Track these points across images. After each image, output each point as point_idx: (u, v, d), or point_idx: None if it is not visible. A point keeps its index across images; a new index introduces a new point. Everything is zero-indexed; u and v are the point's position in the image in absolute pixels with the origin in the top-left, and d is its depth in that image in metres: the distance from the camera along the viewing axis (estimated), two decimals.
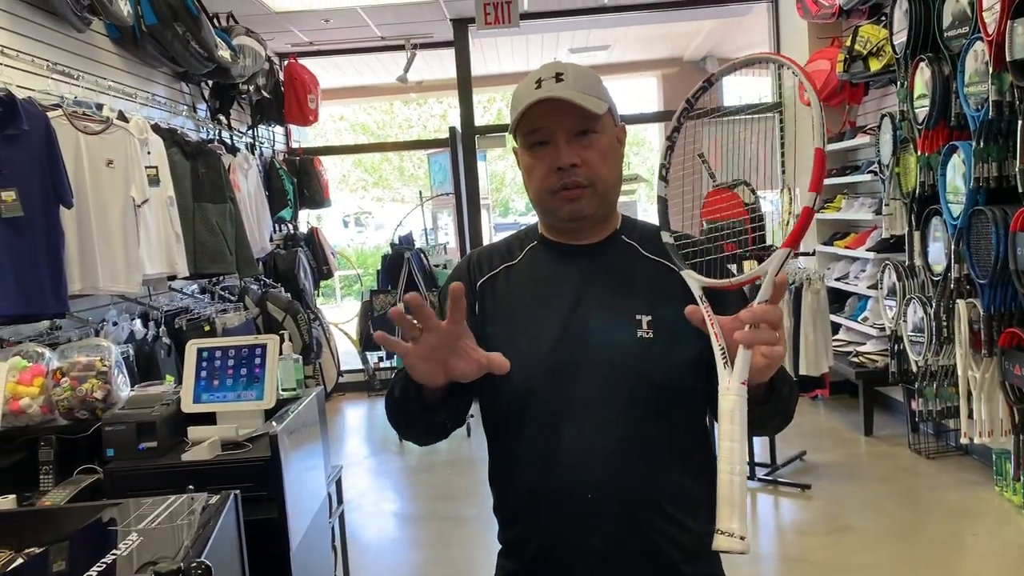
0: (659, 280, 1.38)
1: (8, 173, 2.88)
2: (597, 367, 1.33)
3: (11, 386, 2.20)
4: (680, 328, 1.32)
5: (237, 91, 5.64)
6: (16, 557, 1.51)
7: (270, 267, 6.26)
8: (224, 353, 2.28)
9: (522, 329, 1.37)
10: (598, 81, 1.37)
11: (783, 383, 1.29)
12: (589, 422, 1.32)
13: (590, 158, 1.33)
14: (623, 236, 1.43)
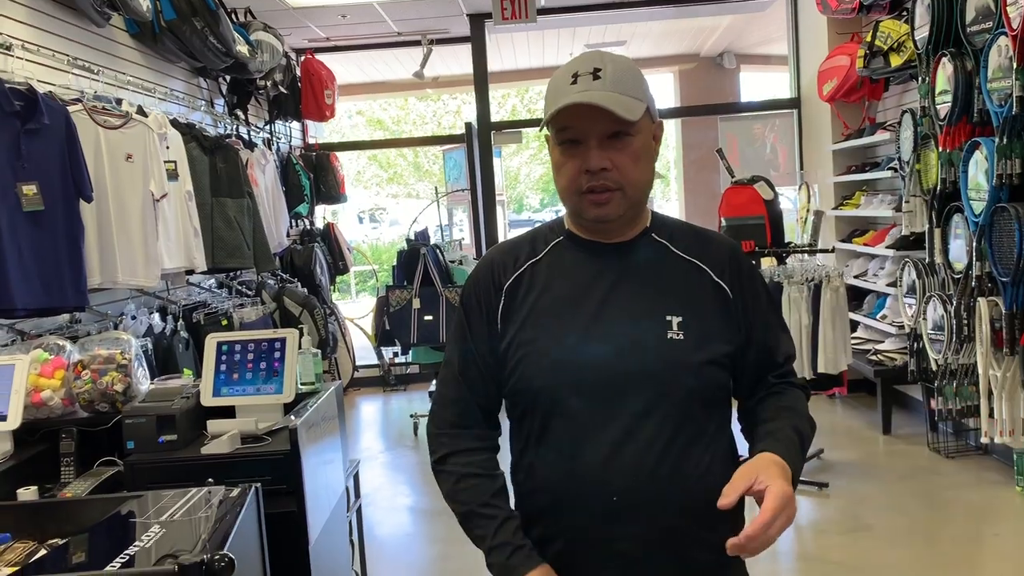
0: (690, 280, 1.37)
1: (30, 167, 2.89)
2: (625, 369, 1.30)
3: (33, 378, 2.21)
4: (711, 329, 1.34)
5: (255, 86, 5.66)
6: (39, 548, 1.52)
7: (287, 262, 6.27)
8: (244, 347, 2.28)
9: (547, 329, 1.34)
10: (638, 77, 1.33)
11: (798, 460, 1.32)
12: (615, 425, 1.29)
13: (621, 162, 1.29)
14: (653, 234, 1.40)
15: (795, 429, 1.34)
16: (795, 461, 1.29)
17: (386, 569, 3.79)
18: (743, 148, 6.79)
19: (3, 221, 2.79)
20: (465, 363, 1.41)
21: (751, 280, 1.42)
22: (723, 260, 1.40)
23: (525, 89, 15.94)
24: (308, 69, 6.68)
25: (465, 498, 1.37)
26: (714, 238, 1.45)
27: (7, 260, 2.78)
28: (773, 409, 1.38)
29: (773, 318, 1.46)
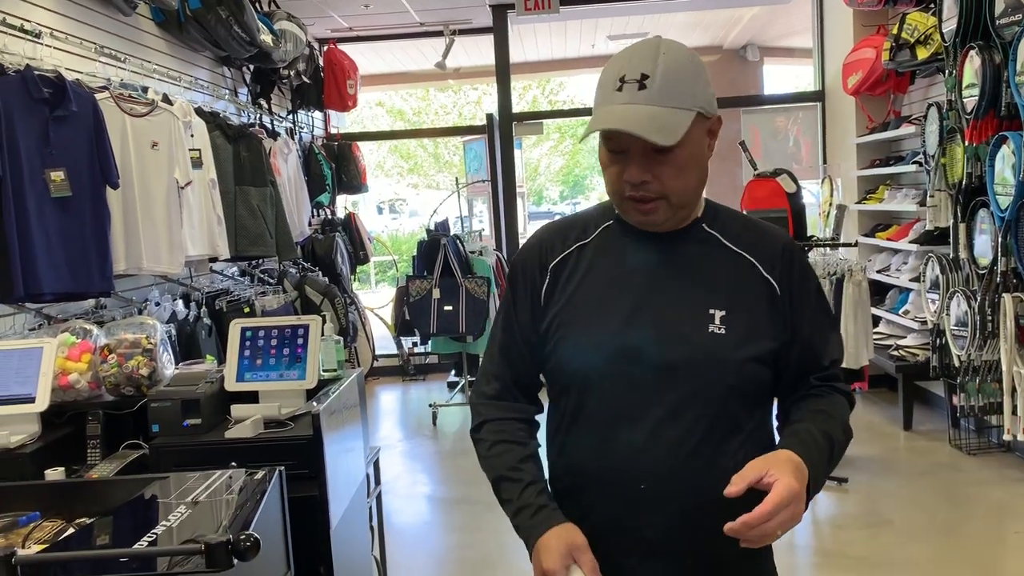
0: (738, 273, 1.35)
1: (58, 154, 2.93)
2: (663, 359, 1.30)
3: (60, 361, 2.24)
4: (755, 325, 1.32)
5: (278, 76, 5.69)
6: (67, 527, 1.55)
7: (308, 251, 6.31)
8: (267, 333, 2.30)
9: (590, 313, 1.34)
10: (691, 77, 1.25)
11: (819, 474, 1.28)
12: (650, 414, 1.29)
13: (664, 174, 1.26)
14: (704, 224, 1.37)
15: (825, 434, 1.30)
16: (817, 464, 1.25)
17: (405, 556, 3.82)
18: (766, 141, 6.74)
19: (31, 207, 2.83)
20: (507, 339, 1.43)
21: (803, 277, 1.38)
22: (775, 254, 1.36)
23: (546, 80, 15.89)
24: (331, 59, 6.70)
25: (496, 463, 1.39)
26: (768, 231, 1.40)
27: (35, 245, 2.83)
28: (808, 411, 1.35)
29: (823, 318, 1.40)
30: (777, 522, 1.14)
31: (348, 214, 7.32)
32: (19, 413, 2.10)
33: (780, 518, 1.14)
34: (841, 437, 1.34)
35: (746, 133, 6.68)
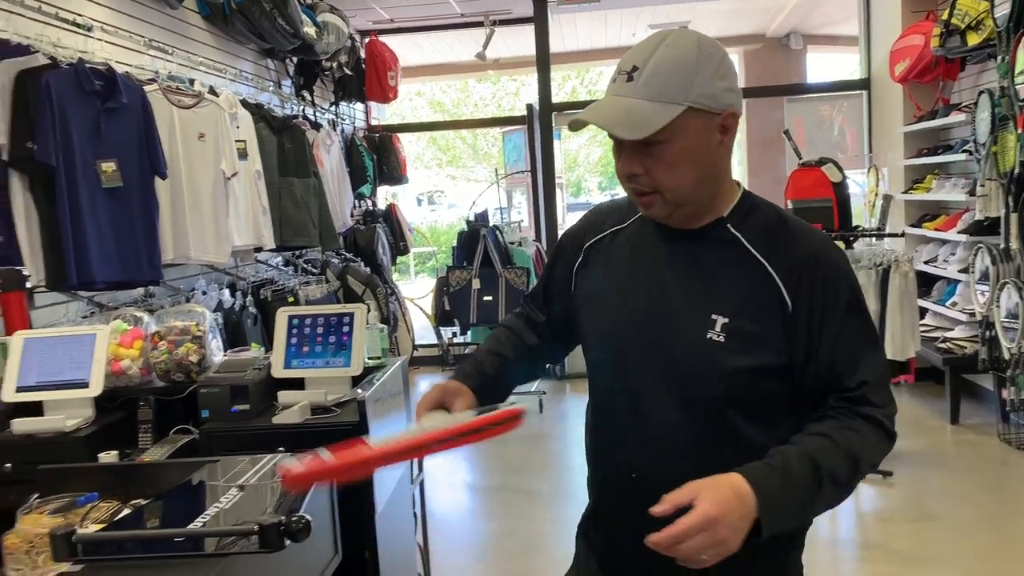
0: (752, 281, 1.28)
1: (109, 145, 3.00)
2: (660, 358, 1.31)
3: (113, 348, 2.29)
4: (757, 337, 1.27)
5: (320, 68, 5.74)
6: (123, 508, 1.59)
7: (350, 242, 6.37)
8: (313, 321, 2.33)
9: (607, 302, 1.38)
10: (689, 71, 1.22)
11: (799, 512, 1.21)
12: (643, 408, 1.32)
13: (653, 168, 1.25)
14: (729, 224, 1.32)
15: (809, 460, 1.18)
16: (776, 493, 1.15)
17: (446, 543, 3.85)
18: (810, 130, 6.65)
19: (84, 197, 2.90)
20: (537, 290, 1.59)
21: (828, 290, 1.27)
22: (797, 263, 1.27)
23: (586, 70, 15.82)
24: (372, 51, 6.74)
25: (483, 346, 1.57)
26: (798, 236, 1.31)
27: (87, 234, 2.89)
28: (808, 433, 1.24)
29: (852, 333, 1.28)
30: (692, 546, 1.08)
31: (389, 205, 7.37)
32: (74, 398, 2.16)
33: (695, 542, 1.08)
34: (842, 470, 1.20)
35: (789, 122, 6.59)
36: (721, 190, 1.32)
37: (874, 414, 1.25)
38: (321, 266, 5.49)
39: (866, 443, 1.23)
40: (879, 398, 1.26)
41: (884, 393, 1.27)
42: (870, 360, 1.28)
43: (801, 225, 1.34)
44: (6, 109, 2.73)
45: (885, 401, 1.27)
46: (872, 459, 1.26)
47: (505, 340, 1.57)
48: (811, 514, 1.24)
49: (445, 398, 1.39)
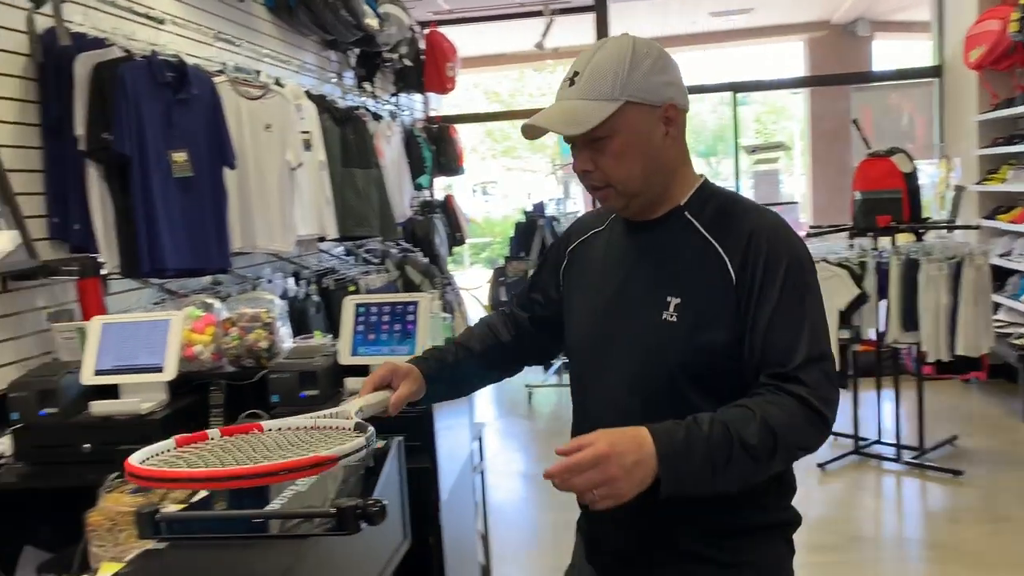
0: (703, 262, 1.34)
1: (180, 135, 3.06)
2: (624, 344, 1.37)
3: (186, 333, 2.35)
4: (707, 315, 1.32)
5: (381, 59, 5.79)
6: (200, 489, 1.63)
7: (408, 232, 6.42)
8: (379, 309, 2.35)
9: (582, 297, 1.47)
10: (624, 69, 1.30)
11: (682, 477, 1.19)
12: (610, 394, 1.39)
13: (603, 163, 1.34)
14: (687, 212, 1.39)
15: (723, 424, 1.20)
16: (680, 448, 1.17)
17: (505, 532, 3.87)
18: (878, 119, 6.48)
19: (156, 186, 2.96)
20: (523, 291, 1.65)
21: (768, 264, 1.30)
22: (742, 239, 1.32)
23: None
24: (432, 42, 6.76)
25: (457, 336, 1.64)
26: (743, 216, 1.36)
27: (159, 223, 2.96)
28: (731, 405, 1.25)
29: (788, 310, 1.29)
30: (583, 480, 1.15)
31: (446, 196, 7.41)
32: (149, 382, 2.21)
33: (585, 477, 1.14)
34: (752, 434, 1.20)
35: (857, 112, 6.43)
36: (676, 180, 1.39)
37: (800, 392, 1.26)
38: (381, 256, 5.54)
39: (787, 419, 1.23)
40: (811, 378, 1.27)
41: (817, 374, 1.27)
42: (802, 338, 1.29)
43: (752, 205, 1.41)
44: (83, 101, 2.81)
45: (818, 382, 1.27)
46: (797, 438, 1.25)
47: (478, 333, 1.63)
48: (723, 480, 1.22)
49: (393, 379, 1.44)
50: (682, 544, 1.36)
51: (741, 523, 1.36)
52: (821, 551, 3.71)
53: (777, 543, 1.41)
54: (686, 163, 1.41)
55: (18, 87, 2.78)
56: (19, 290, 2.71)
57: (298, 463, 1.00)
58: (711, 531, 1.35)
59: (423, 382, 1.48)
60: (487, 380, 1.72)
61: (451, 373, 1.54)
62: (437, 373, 1.51)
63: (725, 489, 1.24)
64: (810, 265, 1.35)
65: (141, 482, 1.03)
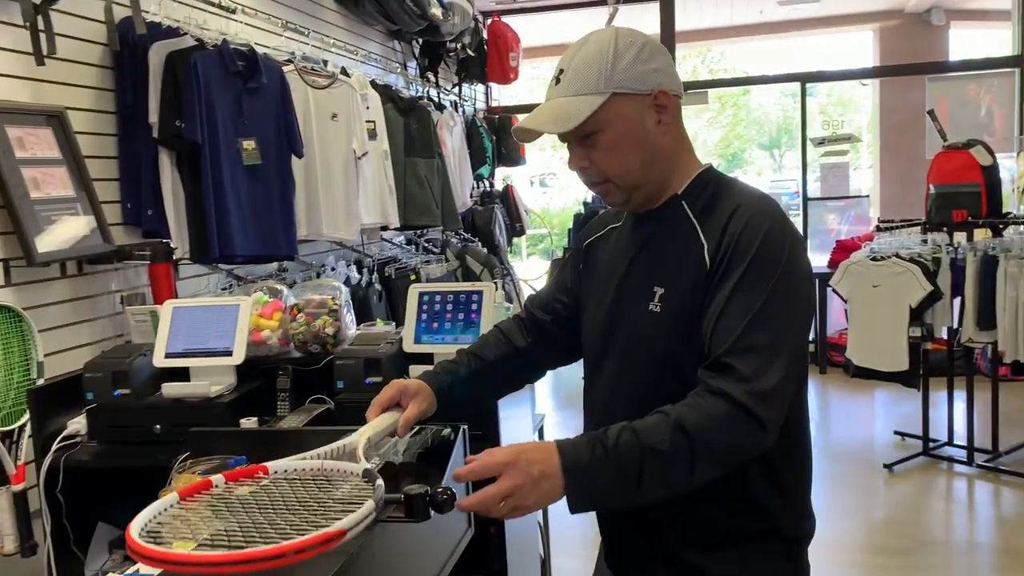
0: (686, 251, 1.30)
1: (250, 123, 3.11)
2: (620, 337, 1.38)
3: (254, 318, 2.38)
4: (686, 304, 1.28)
5: (445, 49, 5.80)
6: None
7: (468, 222, 6.44)
8: (443, 297, 2.35)
9: (592, 292, 1.47)
10: (607, 61, 1.28)
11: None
12: (609, 386, 1.40)
13: (596, 158, 1.32)
14: (683, 200, 1.35)
15: (633, 430, 1.17)
16: (587, 458, 1.16)
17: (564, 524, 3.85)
18: (953, 111, 6.26)
19: (226, 174, 3.01)
20: (544, 291, 1.64)
21: (738, 248, 1.25)
22: (720, 222, 1.28)
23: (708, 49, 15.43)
24: (494, 32, 6.76)
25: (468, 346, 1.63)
26: (729, 200, 1.31)
27: (229, 210, 3.01)
28: (652, 412, 1.21)
29: (743, 294, 1.22)
30: (488, 494, 1.14)
31: (506, 186, 7.40)
32: (218, 365, 2.25)
33: (490, 490, 1.14)
34: (664, 441, 1.16)
35: (932, 102, 6.23)
36: (675, 168, 1.36)
37: (725, 387, 1.18)
38: (441, 245, 5.57)
39: (704, 421, 1.17)
40: (746, 367, 1.18)
41: (756, 364, 1.18)
42: (750, 324, 1.21)
43: (746, 190, 1.35)
44: (157, 89, 2.87)
45: (755, 373, 1.18)
46: (718, 440, 1.18)
47: (492, 342, 1.60)
48: (647, 489, 1.17)
49: (402, 399, 1.43)
50: (672, 550, 1.34)
51: (735, 531, 1.32)
52: (886, 553, 3.61)
53: (775, 557, 1.35)
54: (685, 150, 1.38)
55: (95, 75, 2.86)
56: (94, 274, 2.79)
57: (308, 542, 0.95)
58: (702, 538, 1.32)
59: (433, 399, 1.46)
60: (504, 388, 1.70)
61: (464, 386, 1.52)
62: (449, 387, 1.50)
63: (653, 498, 1.19)
64: (791, 254, 1.26)
65: (141, 559, 0.97)
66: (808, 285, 1.30)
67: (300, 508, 1.06)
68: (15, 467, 2.24)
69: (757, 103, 18.55)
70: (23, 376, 2.32)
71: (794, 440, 1.34)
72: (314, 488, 1.13)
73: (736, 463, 1.23)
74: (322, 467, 1.18)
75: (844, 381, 6.49)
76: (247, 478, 1.15)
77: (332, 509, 1.04)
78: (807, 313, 1.31)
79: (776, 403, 1.21)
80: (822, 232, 7.79)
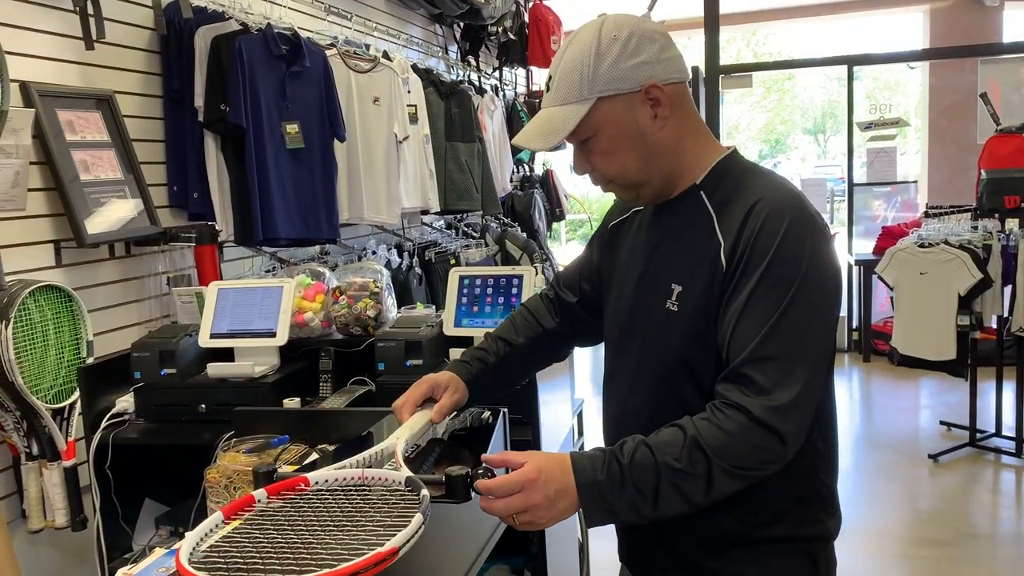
0: (704, 245, 1.24)
1: (293, 107, 3.13)
2: (637, 333, 1.34)
3: (297, 300, 2.41)
4: (703, 304, 1.23)
5: (486, 33, 5.78)
6: (311, 451, 1.67)
7: (507, 207, 6.43)
8: (484, 281, 2.36)
9: (615, 281, 1.42)
10: (588, 65, 1.23)
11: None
12: (625, 382, 1.37)
13: (595, 163, 1.30)
14: (702, 191, 1.29)
15: (647, 446, 1.15)
16: (604, 475, 1.14)
17: None
18: (1007, 94, 6.09)
19: (269, 157, 3.04)
20: (571, 270, 1.59)
21: (757, 246, 1.18)
22: (736, 224, 1.21)
23: (753, 32, 15.19)
24: (536, 15, 6.71)
25: (495, 330, 1.60)
26: (748, 191, 1.24)
27: (272, 193, 3.04)
28: (667, 425, 1.18)
29: (761, 297, 1.17)
30: (506, 503, 1.13)
31: (546, 171, 7.38)
32: (262, 346, 2.28)
33: (508, 501, 1.13)
34: (681, 459, 1.13)
35: (984, 85, 6.06)
36: (685, 158, 1.30)
37: (742, 400, 1.14)
38: (481, 230, 5.57)
39: (722, 437, 1.14)
40: (765, 378, 1.14)
41: (775, 375, 1.14)
42: (769, 332, 1.16)
43: (767, 179, 1.27)
44: (202, 73, 2.90)
45: (774, 385, 1.14)
46: (736, 457, 1.14)
47: (520, 325, 1.57)
48: (664, 504, 1.14)
49: (434, 393, 1.43)
50: (684, 553, 1.32)
51: (752, 533, 1.28)
52: (930, 545, 3.56)
53: (791, 556, 1.30)
54: (695, 137, 1.31)
55: (143, 60, 2.90)
56: (141, 255, 2.84)
57: (362, 564, 0.94)
58: (715, 541, 1.29)
59: (465, 389, 1.46)
60: (534, 369, 1.72)
61: (494, 373, 1.52)
62: (479, 375, 1.49)
63: (669, 514, 1.16)
64: (813, 253, 1.19)
65: None
66: (833, 284, 1.23)
67: (347, 524, 1.04)
68: (66, 443, 2.30)
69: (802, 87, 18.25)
70: (73, 355, 2.38)
71: (814, 444, 1.28)
72: (358, 500, 1.11)
73: (756, 478, 1.18)
74: (363, 475, 1.17)
75: (889, 370, 6.38)
76: (289, 491, 1.15)
77: (381, 524, 1.02)
78: (831, 316, 1.23)
79: (796, 416, 1.16)
80: (868, 218, 7.65)
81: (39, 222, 2.47)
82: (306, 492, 1.15)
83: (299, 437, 1.74)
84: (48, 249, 2.49)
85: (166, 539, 2.25)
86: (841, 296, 1.28)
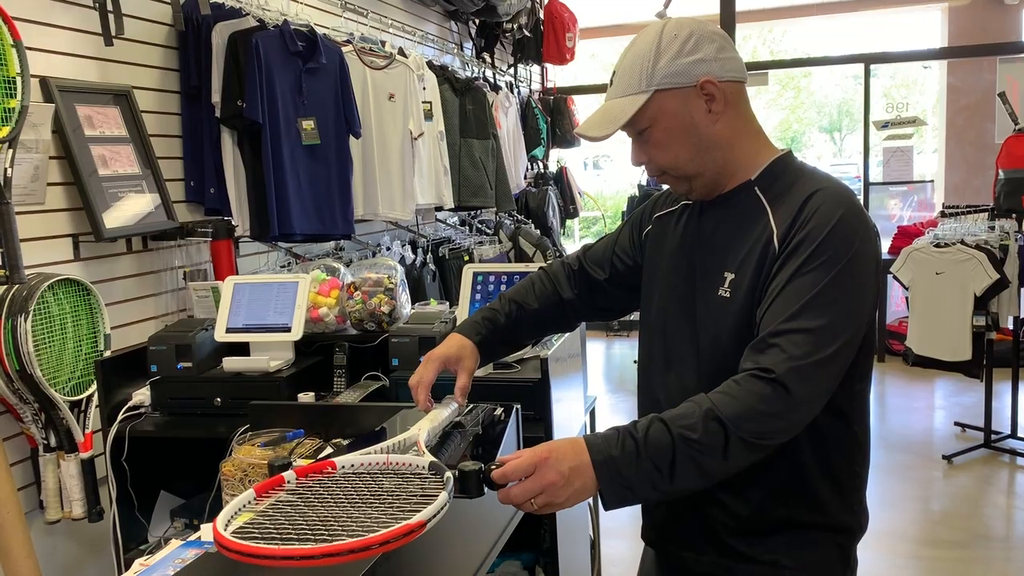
0: (758, 236, 1.29)
1: (309, 104, 3.14)
2: (687, 320, 1.37)
3: (312, 296, 2.42)
4: (753, 290, 1.27)
5: (501, 30, 5.78)
6: (325, 445, 1.68)
7: (521, 204, 6.43)
8: (496, 278, 2.36)
9: (659, 273, 1.45)
10: (648, 59, 1.30)
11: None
12: (671, 368, 1.40)
13: (652, 154, 1.35)
14: (756, 187, 1.34)
15: (662, 421, 1.17)
16: (618, 450, 1.15)
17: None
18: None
19: (285, 153, 3.06)
20: (603, 247, 1.60)
21: (807, 234, 1.23)
22: (792, 211, 1.26)
23: (769, 29, 15.11)
24: (551, 12, 6.71)
25: (510, 290, 1.62)
26: (804, 186, 1.29)
27: (288, 189, 3.06)
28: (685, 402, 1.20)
29: (801, 276, 1.21)
30: (520, 490, 1.14)
31: (560, 168, 7.37)
32: (278, 341, 2.30)
33: (523, 486, 1.14)
34: (697, 429, 1.15)
35: (1003, 84, 6.02)
36: (738, 154, 1.34)
37: (766, 362, 1.17)
38: (494, 227, 5.58)
39: (739, 406, 1.15)
40: (792, 346, 1.17)
41: (805, 345, 1.17)
42: (807, 311, 1.19)
43: (823, 179, 1.32)
44: (220, 69, 2.92)
45: (797, 354, 1.16)
46: (754, 424, 1.15)
47: (537, 290, 1.60)
48: (681, 479, 1.15)
49: (449, 367, 1.48)
50: (719, 534, 1.35)
51: (785, 519, 1.32)
52: (943, 546, 3.54)
53: (824, 547, 1.34)
54: (750, 135, 1.36)
55: (161, 55, 2.92)
56: (158, 250, 2.87)
57: (392, 534, 0.97)
58: (751, 524, 1.32)
59: (476, 353, 1.50)
60: (542, 335, 1.77)
61: (503, 334, 1.56)
62: (490, 337, 1.53)
63: (687, 488, 1.18)
64: (861, 244, 1.23)
65: (232, 555, 0.95)
66: (874, 281, 1.26)
67: (375, 501, 1.07)
68: (83, 435, 2.33)
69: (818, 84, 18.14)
70: (91, 348, 2.41)
71: (852, 432, 1.33)
72: (384, 481, 1.14)
73: (770, 446, 1.19)
74: (388, 461, 1.20)
75: (903, 370, 6.35)
76: (317, 473, 1.18)
77: (408, 502, 1.05)
78: (865, 307, 1.24)
79: (811, 382, 1.17)
80: (883, 218, 7.61)
81: (58, 216, 2.49)
82: (334, 475, 1.18)
83: (313, 431, 1.76)
84: (67, 243, 2.52)
85: (181, 531, 2.28)
86: (875, 298, 1.29)
